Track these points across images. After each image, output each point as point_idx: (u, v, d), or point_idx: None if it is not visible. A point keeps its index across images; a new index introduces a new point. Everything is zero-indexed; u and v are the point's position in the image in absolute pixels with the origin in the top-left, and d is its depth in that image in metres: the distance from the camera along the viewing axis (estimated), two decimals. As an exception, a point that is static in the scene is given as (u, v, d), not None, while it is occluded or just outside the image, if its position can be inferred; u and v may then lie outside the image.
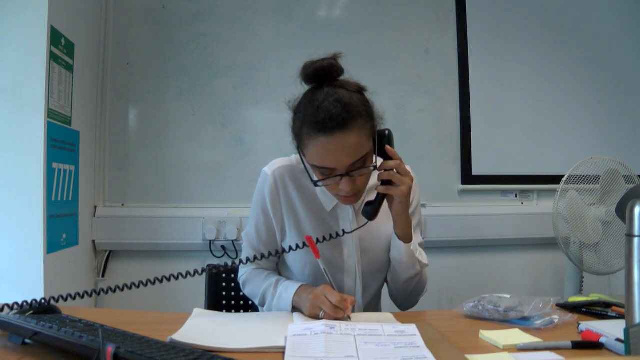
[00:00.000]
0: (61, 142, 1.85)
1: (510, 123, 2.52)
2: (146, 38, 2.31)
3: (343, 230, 1.17)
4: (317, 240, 1.11)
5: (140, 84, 2.30)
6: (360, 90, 1.10)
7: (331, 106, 1.01)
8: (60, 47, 1.82)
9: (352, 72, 1.10)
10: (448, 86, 2.49)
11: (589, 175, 2.04)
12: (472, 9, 2.51)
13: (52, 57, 1.76)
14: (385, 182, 1.10)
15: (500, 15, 2.54)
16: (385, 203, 1.14)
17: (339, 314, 1.04)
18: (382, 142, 1.10)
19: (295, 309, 1.13)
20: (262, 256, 1.09)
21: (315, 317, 1.05)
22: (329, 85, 1.06)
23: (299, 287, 1.15)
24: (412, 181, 1.12)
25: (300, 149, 1.10)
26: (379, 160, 1.11)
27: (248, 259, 1.11)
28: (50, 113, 1.75)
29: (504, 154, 2.51)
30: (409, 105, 2.43)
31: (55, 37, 1.77)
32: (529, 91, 2.54)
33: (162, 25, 2.32)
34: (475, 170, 2.48)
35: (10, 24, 1.69)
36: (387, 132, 1.11)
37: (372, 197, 1.15)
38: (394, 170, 1.09)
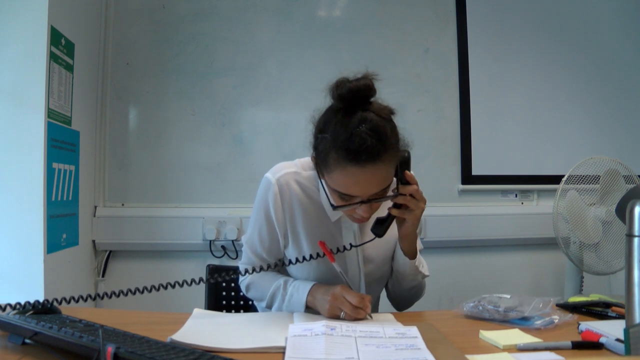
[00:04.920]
0: (61, 142, 1.85)
1: (510, 123, 2.52)
2: (146, 38, 2.31)
3: (351, 244, 1.16)
4: (318, 255, 1.11)
5: (140, 84, 2.30)
6: (391, 116, 1.05)
7: (366, 136, 0.96)
8: (60, 47, 1.82)
9: (353, 72, 1.08)
10: (448, 86, 2.49)
11: (589, 175, 2.04)
12: (472, 9, 2.51)
13: (52, 57, 1.76)
14: (398, 204, 1.09)
15: (500, 15, 2.54)
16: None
17: (359, 314, 1.04)
18: (401, 164, 1.07)
19: (309, 309, 1.12)
20: (268, 266, 1.10)
21: (336, 318, 1.04)
22: (363, 109, 1.00)
23: (312, 286, 1.13)
24: (425, 203, 1.11)
25: (323, 170, 1.05)
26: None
27: (254, 269, 1.11)
28: (50, 113, 1.75)
29: (504, 154, 2.51)
30: (409, 105, 2.42)
31: (55, 37, 1.77)
32: (529, 91, 2.54)
33: (162, 25, 2.32)
34: (475, 170, 2.48)
35: (10, 24, 1.69)
36: (407, 154, 1.08)
37: (381, 212, 1.13)
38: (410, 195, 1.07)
